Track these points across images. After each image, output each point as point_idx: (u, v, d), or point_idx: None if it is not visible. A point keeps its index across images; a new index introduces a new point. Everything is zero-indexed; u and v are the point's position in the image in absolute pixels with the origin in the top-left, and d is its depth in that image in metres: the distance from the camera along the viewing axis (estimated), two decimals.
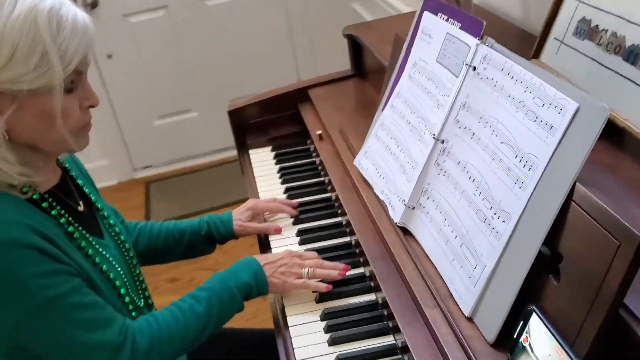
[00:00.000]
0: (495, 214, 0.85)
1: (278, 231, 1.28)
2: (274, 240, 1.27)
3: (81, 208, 1.03)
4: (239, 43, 3.20)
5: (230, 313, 1.05)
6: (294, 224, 1.31)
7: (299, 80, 3.33)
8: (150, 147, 3.37)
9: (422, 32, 1.16)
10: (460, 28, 1.04)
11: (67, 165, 1.09)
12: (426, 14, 1.16)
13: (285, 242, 1.26)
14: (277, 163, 1.56)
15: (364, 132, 1.31)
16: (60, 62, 0.83)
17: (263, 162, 1.58)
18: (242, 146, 1.67)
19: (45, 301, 0.86)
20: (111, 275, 1.00)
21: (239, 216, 1.29)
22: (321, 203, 1.36)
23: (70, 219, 0.97)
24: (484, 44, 0.95)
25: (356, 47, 1.69)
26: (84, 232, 0.99)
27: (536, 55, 1.16)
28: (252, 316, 2.19)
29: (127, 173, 3.39)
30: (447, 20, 1.09)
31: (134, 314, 1.05)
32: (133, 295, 1.07)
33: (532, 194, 0.79)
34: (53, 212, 0.94)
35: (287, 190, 1.43)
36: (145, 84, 3.21)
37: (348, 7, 3.19)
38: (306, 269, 1.09)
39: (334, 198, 1.35)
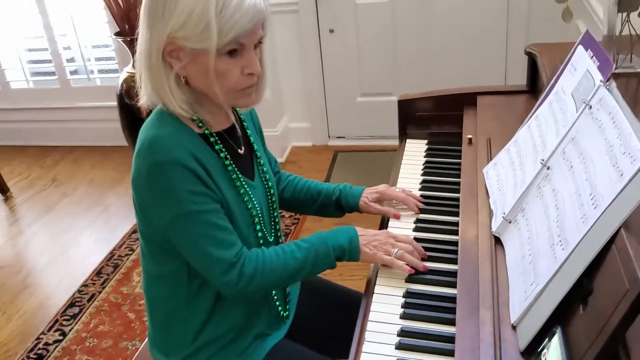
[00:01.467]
0: (560, 241, 0.92)
1: (397, 216, 1.42)
2: (392, 221, 1.42)
3: (241, 151, 1.27)
4: (454, 40, 3.30)
5: (323, 267, 1.23)
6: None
7: (505, 84, 3.35)
8: (348, 120, 3.64)
9: (571, 64, 1.22)
10: (597, 67, 1.09)
11: (242, 117, 1.35)
12: (579, 47, 1.21)
13: (403, 225, 1.40)
14: (425, 156, 1.69)
15: None
16: (217, 34, 1.04)
17: (414, 152, 1.72)
18: (403, 134, 1.83)
19: (190, 212, 1.11)
20: (249, 205, 1.24)
21: (367, 194, 1.45)
22: (447, 201, 1.46)
23: (228, 156, 1.22)
24: (605, 87, 1.00)
25: (534, 65, 1.74)
26: (236, 169, 1.23)
27: None
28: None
29: (322, 138, 3.71)
30: (592, 57, 1.14)
31: (261, 241, 1.27)
32: (265, 230, 1.29)
33: (589, 229, 0.85)
34: (217, 147, 1.20)
35: (423, 182, 1.56)
36: (356, 62, 3.47)
37: (572, 22, 3.10)
38: (396, 250, 1.23)
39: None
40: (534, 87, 1.77)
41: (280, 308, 1.36)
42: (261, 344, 1.31)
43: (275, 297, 1.34)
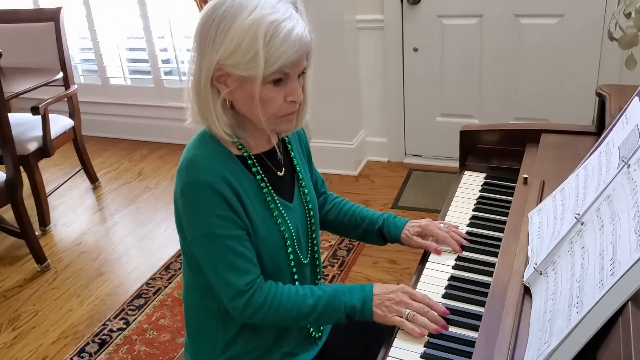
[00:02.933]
0: (577, 303, 0.89)
1: (437, 252, 1.40)
2: (432, 256, 1.41)
3: (281, 173, 1.31)
4: (542, 70, 3.21)
5: (331, 319, 1.24)
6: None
7: (592, 123, 3.19)
8: (425, 138, 3.62)
9: (625, 116, 1.17)
10: None
11: (289, 137, 1.38)
12: (635, 99, 1.16)
13: (443, 261, 1.39)
14: (480, 191, 1.66)
15: None
16: (263, 63, 1.09)
17: (469, 185, 1.70)
18: (462, 165, 1.81)
19: (212, 234, 1.16)
20: (282, 228, 1.27)
21: (409, 227, 1.44)
22: (492, 240, 1.44)
23: (265, 178, 1.26)
24: None
25: (603, 107, 1.67)
26: (272, 192, 1.27)
27: None
28: (396, 282, 2.41)
29: (398, 155, 3.70)
30: None
31: (293, 263, 1.30)
32: (299, 252, 1.32)
33: (602, 296, 0.82)
34: (253, 169, 1.24)
35: (472, 217, 1.54)
36: (438, 82, 3.44)
37: None
38: (407, 311, 1.19)
39: None
40: (603, 130, 1.70)
41: (312, 329, 1.38)
42: None
43: None
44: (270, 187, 1.26)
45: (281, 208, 1.28)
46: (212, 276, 1.21)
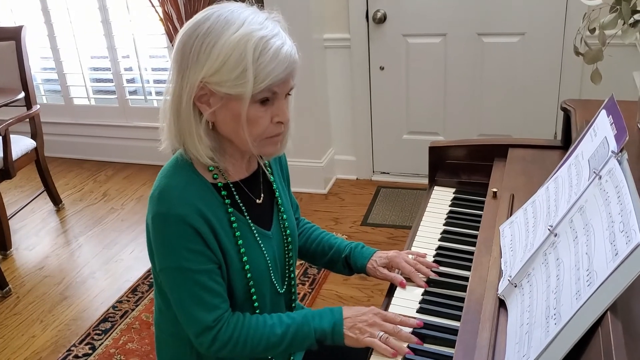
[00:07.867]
0: (554, 314, 0.90)
1: (402, 285, 1.34)
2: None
3: (259, 201, 1.27)
4: (504, 87, 3.27)
5: (301, 346, 1.20)
6: None
7: (555, 137, 3.27)
8: (393, 156, 3.64)
9: (593, 129, 1.19)
10: (614, 135, 1.06)
11: (267, 163, 1.34)
12: (602, 112, 1.19)
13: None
14: (450, 206, 1.67)
15: None
16: (253, 80, 1.04)
17: (439, 200, 1.71)
18: (432, 181, 1.82)
19: (181, 267, 1.12)
20: (250, 259, 1.22)
21: (376, 258, 1.41)
22: (464, 254, 1.45)
23: (243, 208, 1.22)
24: (615, 158, 0.97)
25: (568, 121, 1.70)
26: (249, 221, 1.23)
27: None
28: (366, 299, 2.51)
29: (366, 173, 3.72)
30: (611, 124, 1.11)
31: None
32: (275, 282, 1.29)
33: (580, 307, 0.83)
34: (226, 201, 1.19)
35: (443, 232, 1.55)
36: (404, 100, 3.48)
37: (629, 75, 3.00)
38: (380, 333, 1.17)
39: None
40: (569, 144, 1.73)
41: None
42: None
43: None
44: (247, 217, 1.22)
45: (257, 236, 1.24)
46: (178, 309, 1.16)
